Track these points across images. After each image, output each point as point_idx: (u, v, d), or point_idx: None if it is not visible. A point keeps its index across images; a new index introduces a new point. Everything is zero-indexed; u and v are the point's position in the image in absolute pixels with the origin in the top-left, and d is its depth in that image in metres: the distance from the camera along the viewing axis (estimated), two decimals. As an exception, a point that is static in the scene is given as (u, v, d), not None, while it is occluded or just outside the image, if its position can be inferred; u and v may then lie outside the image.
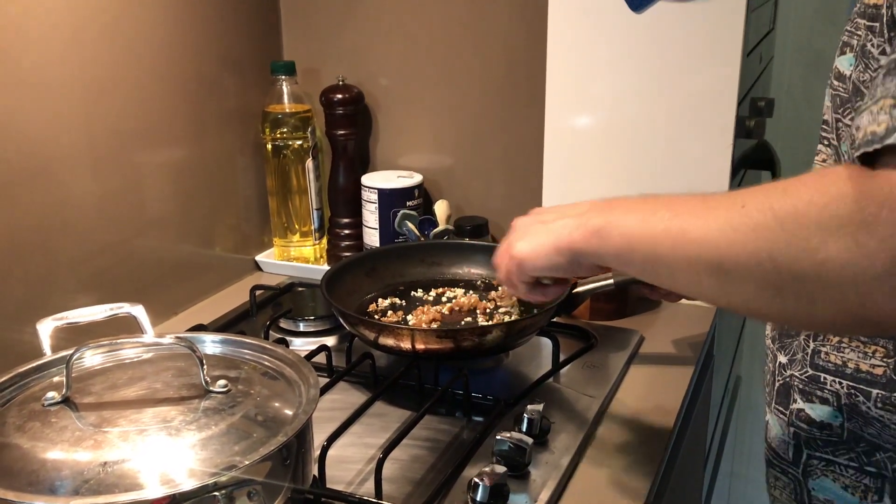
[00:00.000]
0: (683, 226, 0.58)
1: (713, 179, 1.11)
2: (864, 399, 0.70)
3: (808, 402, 0.74)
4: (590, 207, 0.67)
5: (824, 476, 0.74)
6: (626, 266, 0.65)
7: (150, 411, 0.66)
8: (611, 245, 0.64)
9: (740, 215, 0.53)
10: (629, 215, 0.63)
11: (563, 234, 0.68)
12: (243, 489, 0.60)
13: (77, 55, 0.98)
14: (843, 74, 0.69)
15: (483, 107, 1.28)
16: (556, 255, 0.69)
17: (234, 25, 1.24)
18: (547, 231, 0.70)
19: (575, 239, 0.67)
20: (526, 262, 0.72)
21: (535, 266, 0.72)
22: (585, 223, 0.66)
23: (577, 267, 0.70)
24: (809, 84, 1.67)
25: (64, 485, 0.59)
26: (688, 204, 0.59)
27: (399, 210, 1.26)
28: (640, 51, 1.09)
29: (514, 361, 1.02)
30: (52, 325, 0.77)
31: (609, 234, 0.64)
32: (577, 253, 0.67)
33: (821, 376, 0.72)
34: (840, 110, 0.69)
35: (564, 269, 0.70)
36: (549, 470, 0.79)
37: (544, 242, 0.70)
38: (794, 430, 0.75)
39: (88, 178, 1.02)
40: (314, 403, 0.68)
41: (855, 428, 0.71)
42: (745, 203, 0.54)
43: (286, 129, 1.26)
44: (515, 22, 1.23)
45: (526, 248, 0.72)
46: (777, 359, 0.78)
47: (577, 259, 0.68)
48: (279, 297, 1.19)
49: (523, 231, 0.74)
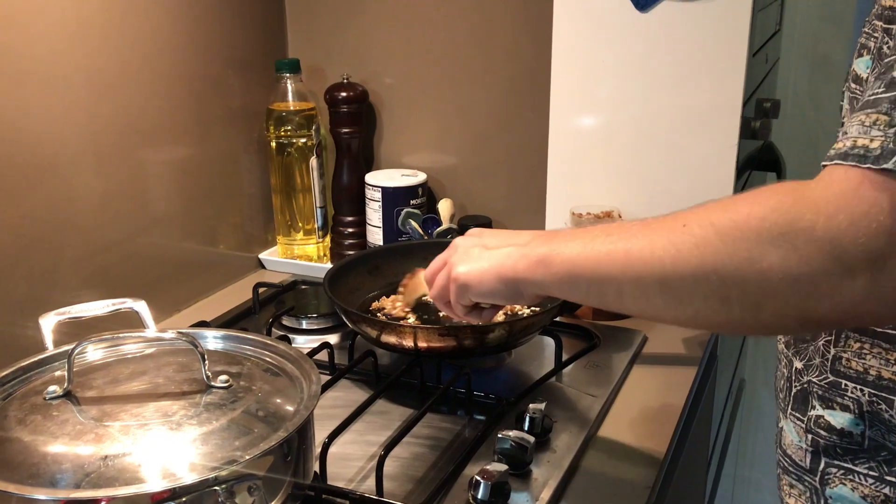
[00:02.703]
0: (627, 247, 0.60)
1: (718, 181, 1.10)
2: (886, 407, 0.68)
3: (829, 409, 0.72)
4: (532, 238, 0.69)
5: (843, 485, 0.72)
6: (571, 292, 0.66)
7: (151, 406, 0.66)
8: (554, 272, 0.65)
9: (682, 233, 0.56)
10: (570, 242, 0.65)
11: (507, 263, 0.69)
12: (244, 484, 0.60)
13: (82, 53, 0.98)
14: (860, 77, 0.68)
15: (487, 106, 1.28)
16: (498, 282, 0.70)
17: (239, 23, 1.25)
18: (490, 257, 0.71)
19: (519, 268, 0.68)
20: (470, 286, 0.72)
21: (478, 292, 0.72)
22: (529, 252, 0.67)
23: (518, 296, 0.71)
24: (815, 85, 1.67)
25: (65, 478, 0.59)
26: (628, 229, 0.61)
27: (403, 209, 1.26)
28: (645, 51, 1.09)
29: (517, 360, 1.02)
30: (54, 320, 0.77)
31: (552, 262, 0.65)
32: (520, 282, 0.69)
33: (842, 383, 0.71)
34: None
35: (505, 296, 0.71)
36: (551, 469, 0.79)
37: (487, 269, 0.71)
38: (812, 437, 0.74)
39: (92, 175, 1.02)
40: (315, 399, 0.68)
41: (877, 436, 0.69)
42: (687, 222, 0.56)
43: (290, 127, 1.26)
44: (520, 22, 1.23)
45: (468, 272, 0.72)
46: (793, 364, 0.77)
47: (518, 288, 0.69)
48: (282, 294, 1.19)
49: (464, 254, 0.74)
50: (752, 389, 1.86)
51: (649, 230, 0.59)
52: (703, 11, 1.05)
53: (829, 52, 1.63)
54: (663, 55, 1.09)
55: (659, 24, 1.07)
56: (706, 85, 1.08)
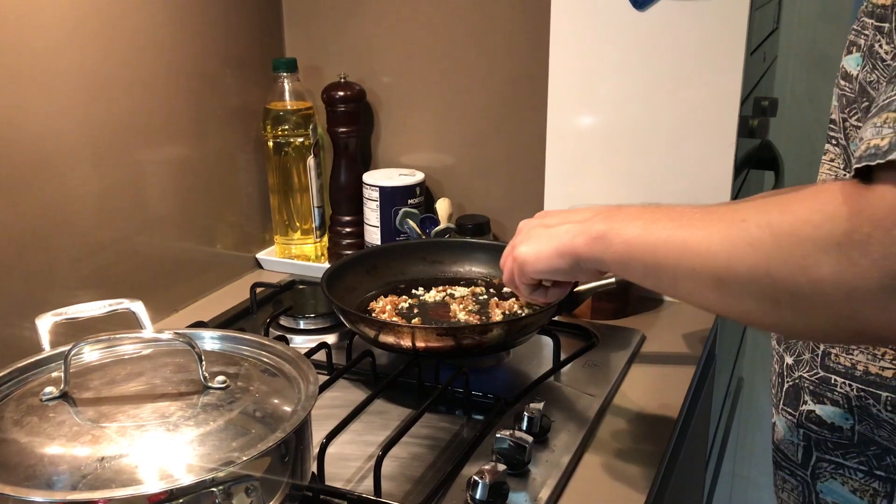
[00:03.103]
0: (685, 237, 0.59)
1: (716, 179, 1.10)
2: (874, 402, 0.69)
3: (819, 404, 0.73)
4: (593, 214, 0.69)
5: (833, 479, 0.73)
6: (627, 272, 0.66)
7: (148, 407, 0.66)
8: (612, 251, 0.66)
9: (739, 230, 0.55)
10: (631, 223, 0.64)
11: (565, 239, 0.70)
12: (241, 485, 0.60)
13: (79, 51, 0.98)
14: (849, 74, 0.69)
15: (485, 105, 1.28)
16: (557, 258, 0.71)
17: (236, 22, 1.24)
18: (550, 235, 0.72)
19: (577, 244, 0.69)
20: (527, 264, 0.74)
21: (536, 269, 0.74)
22: (588, 229, 0.68)
23: (578, 271, 0.71)
24: (813, 83, 1.67)
25: (61, 480, 0.58)
26: (690, 215, 0.60)
27: (400, 208, 1.26)
28: (643, 50, 1.09)
29: (515, 360, 1.01)
30: (50, 321, 0.76)
31: (611, 241, 0.66)
32: (578, 258, 0.69)
33: (831, 378, 0.72)
34: (847, 110, 0.69)
35: (565, 272, 0.72)
36: (549, 469, 0.78)
37: (547, 246, 0.72)
38: (803, 431, 0.75)
39: (89, 175, 1.02)
40: (313, 400, 0.67)
41: (866, 430, 0.70)
42: (746, 218, 0.55)
43: (288, 126, 1.26)
44: (518, 20, 1.23)
45: (528, 250, 0.74)
46: (784, 360, 0.78)
47: (578, 263, 0.70)
48: (280, 294, 1.19)
49: (527, 234, 0.76)
50: (750, 388, 1.86)
51: (710, 221, 0.58)
52: (700, 10, 1.05)
53: (826, 50, 1.63)
54: (661, 54, 1.08)
55: (656, 23, 1.07)
56: (704, 83, 1.07)
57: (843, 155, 0.71)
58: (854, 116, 0.68)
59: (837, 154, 0.72)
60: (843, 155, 0.71)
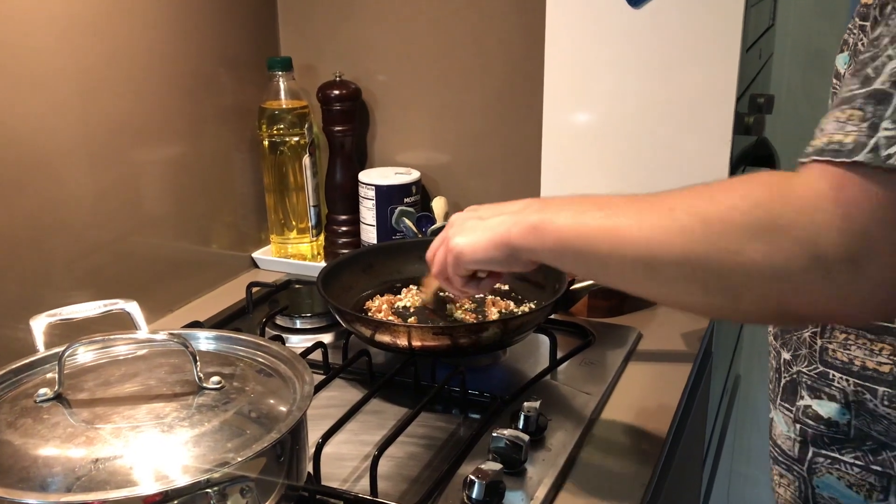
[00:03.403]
0: (616, 225, 0.61)
1: (712, 176, 1.08)
2: (871, 397, 0.70)
3: (816, 399, 0.73)
4: (526, 205, 0.71)
5: (829, 474, 0.74)
6: (560, 261, 0.68)
7: (142, 408, 0.66)
8: (546, 241, 0.67)
9: (669, 218, 0.57)
10: (563, 213, 0.66)
11: (500, 230, 0.71)
12: (236, 486, 0.59)
13: (71, 50, 0.98)
14: (839, 72, 0.69)
15: (481, 103, 1.28)
16: (493, 249, 0.72)
17: (231, 21, 1.24)
18: (484, 227, 0.73)
19: (513, 235, 0.70)
20: (464, 255, 0.75)
21: (473, 259, 0.75)
22: (523, 220, 0.69)
23: (514, 261, 0.72)
24: (809, 80, 1.67)
25: (56, 482, 0.58)
26: (620, 204, 0.62)
27: (396, 207, 1.25)
28: (639, 47, 1.09)
29: (512, 358, 1.01)
30: (45, 322, 0.76)
31: (544, 231, 0.67)
32: (514, 248, 0.70)
33: (829, 373, 0.72)
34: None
35: (501, 262, 0.73)
36: (546, 467, 0.78)
37: (482, 237, 0.73)
38: (800, 426, 0.75)
39: (84, 175, 1.01)
40: (308, 400, 0.67)
41: (862, 425, 0.71)
42: (674, 206, 0.57)
43: (283, 125, 1.26)
44: (513, 18, 1.22)
45: (464, 242, 0.75)
46: (781, 355, 0.78)
47: (513, 254, 0.71)
48: (276, 294, 1.18)
49: (460, 226, 0.77)
50: (747, 385, 1.86)
51: (638, 209, 0.60)
52: (696, 6, 1.05)
53: (823, 46, 1.63)
54: (657, 51, 1.08)
55: (652, 20, 1.07)
56: (700, 80, 1.07)
57: None
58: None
59: None
60: None
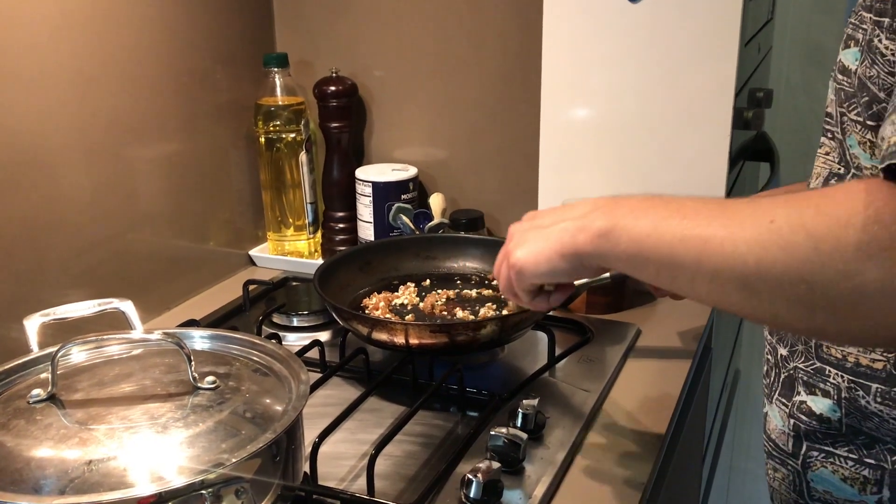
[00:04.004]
0: (705, 236, 0.55)
1: (711, 171, 1.10)
2: (863, 393, 0.69)
3: (811, 395, 0.73)
4: (591, 209, 0.64)
5: (824, 468, 0.73)
6: (637, 271, 0.63)
7: (137, 408, 0.65)
8: (621, 249, 0.61)
9: (770, 231, 0.52)
10: (639, 219, 0.60)
11: (565, 238, 0.65)
12: (231, 487, 0.59)
13: (66, 47, 0.97)
14: (848, 69, 0.67)
15: (478, 99, 1.27)
16: (558, 259, 0.66)
17: (226, 17, 1.23)
18: (546, 236, 0.67)
19: (579, 242, 0.64)
20: (527, 269, 0.69)
21: (536, 273, 0.69)
22: (589, 225, 0.63)
23: (582, 270, 0.67)
24: (808, 75, 1.66)
25: (49, 484, 0.58)
26: (705, 214, 0.57)
27: (394, 203, 1.25)
28: (637, 42, 1.08)
29: (510, 356, 1.01)
30: (39, 321, 0.76)
31: (618, 238, 0.61)
32: (581, 256, 0.65)
33: (826, 369, 0.72)
34: (845, 105, 0.68)
35: (568, 273, 0.68)
36: (544, 465, 0.78)
37: (545, 247, 0.67)
38: (794, 421, 0.75)
39: (79, 173, 1.01)
40: (304, 399, 0.67)
41: (853, 423, 0.71)
42: (775, 218, 0.52)
43: (279, 121, 1.25)
44: (511, 13, 1.22)
45: (525, 254, 0.69)
46: (777, 351, 0.78)
47: (581, 262, 0.66)
48: (273, 291, 1.18)
49: (521, 238, 0.71)
50: (746, 380, 1.86)
51: (730, 219, 0.55)
52: (694, 1, 1.04)
53: (821, 40, 1.63)
54: (655, 46, 1.08)
55: (650, 15, 1.06)
56: (698, 75, 1.07)
57: (838, 149, 0.70)
58: (853, 111, 0.67)
59: (833, 148, 0.71)
60: (838, 149, 0.70)
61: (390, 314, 1.00)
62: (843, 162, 0.69)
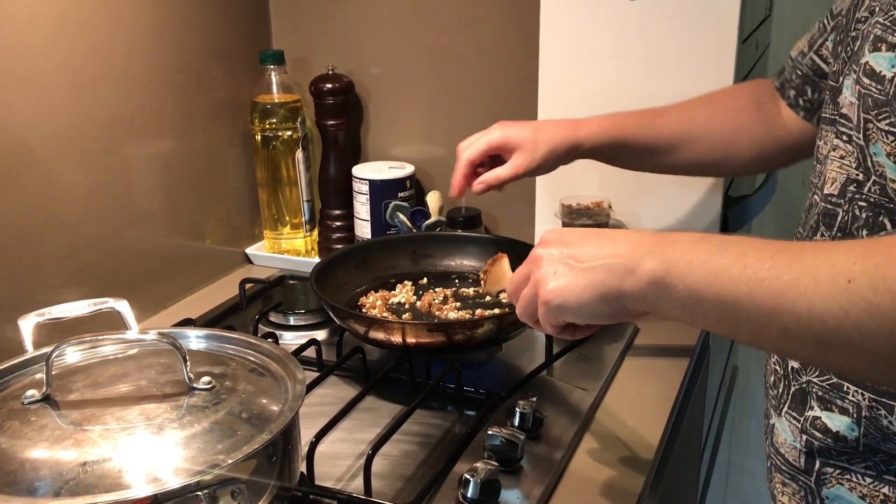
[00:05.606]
0: (775, 292, 0.51)
1: (708, 169, 1.09)
2: (886, 413, 0.66)
3: (827, 411, 0.70)
4: (633, 245, 0.58)
5: (840, 485, 0.70)
6: (691, 320, 0.57)
7: (132, 409, 0.65)
8: (675, 299, 0.56)
9: (849, 293, 0.48)
10: (695, 265, 0.55)
11: (609, 282, 0.59)
12: (227, 488, 0.59)
13: (61, 45, 0.96)
14: (879, 74, 0.63)
15: (475, 96, 1.27)
16: (599, 303, 0.60)
17: (222, 14, 1.23)
18: (586, 275, 0.60)
19: (626, 287, 0.58)
20: (566, 308, 0.62)
21: (576, 314, 0.62)
22: (637, 269, 0.57)
23: (624, 314, 0.61)
24: (806, 71, 1.65)
25: (43, 485, 0.57)
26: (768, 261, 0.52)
27: (391, 201, 1.24)
28: (634, 40, 1.08)
29: (507, 354, 1.00)
30: (34, 321, 0.75)
31: (672, 287, 0.55)
32: (627, 302, 0.59)
33: (844, 385, 0.68)
34: (873, 112, 0.64)
35: (609, 316, 0.61)
36: (542, 465, 0.78)
37: (585, 289, 0.60)
38: (807, 437, 0.72)
39: (75, 171, 1.00)
40: (300, 400, 0.66)
41: (871, 443, 0.68)
42: (853, 278, 0.48)
43: (275, 119, 1.25)
44: (508, 10, 1.21)
45: (561, 292, 0.62)
46: (788, 363, 0.75)
47: (625, 307, 0.60)
48: (269, 290, 1.17)
49: (552, 268, 0.63)
50: (745, 377, 1.86)
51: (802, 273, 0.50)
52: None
53: (819, 37, 1.62)
54: (652, 43, 1.07)
55: (648, 12, 1.06)
56: (696, 72, 1.06)
57: (856, 154, 0.66)
58: (884, 120, 0.63)
59: (849, 152, 0.67)
60: (856, 154, 0.66)
61: (387, 313, 1.00)
62: (863, 168, 0.65)
